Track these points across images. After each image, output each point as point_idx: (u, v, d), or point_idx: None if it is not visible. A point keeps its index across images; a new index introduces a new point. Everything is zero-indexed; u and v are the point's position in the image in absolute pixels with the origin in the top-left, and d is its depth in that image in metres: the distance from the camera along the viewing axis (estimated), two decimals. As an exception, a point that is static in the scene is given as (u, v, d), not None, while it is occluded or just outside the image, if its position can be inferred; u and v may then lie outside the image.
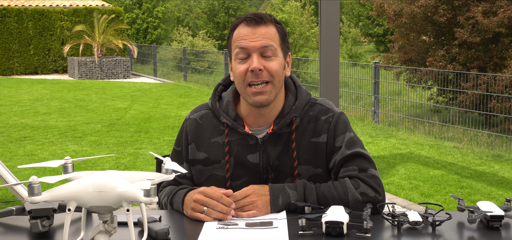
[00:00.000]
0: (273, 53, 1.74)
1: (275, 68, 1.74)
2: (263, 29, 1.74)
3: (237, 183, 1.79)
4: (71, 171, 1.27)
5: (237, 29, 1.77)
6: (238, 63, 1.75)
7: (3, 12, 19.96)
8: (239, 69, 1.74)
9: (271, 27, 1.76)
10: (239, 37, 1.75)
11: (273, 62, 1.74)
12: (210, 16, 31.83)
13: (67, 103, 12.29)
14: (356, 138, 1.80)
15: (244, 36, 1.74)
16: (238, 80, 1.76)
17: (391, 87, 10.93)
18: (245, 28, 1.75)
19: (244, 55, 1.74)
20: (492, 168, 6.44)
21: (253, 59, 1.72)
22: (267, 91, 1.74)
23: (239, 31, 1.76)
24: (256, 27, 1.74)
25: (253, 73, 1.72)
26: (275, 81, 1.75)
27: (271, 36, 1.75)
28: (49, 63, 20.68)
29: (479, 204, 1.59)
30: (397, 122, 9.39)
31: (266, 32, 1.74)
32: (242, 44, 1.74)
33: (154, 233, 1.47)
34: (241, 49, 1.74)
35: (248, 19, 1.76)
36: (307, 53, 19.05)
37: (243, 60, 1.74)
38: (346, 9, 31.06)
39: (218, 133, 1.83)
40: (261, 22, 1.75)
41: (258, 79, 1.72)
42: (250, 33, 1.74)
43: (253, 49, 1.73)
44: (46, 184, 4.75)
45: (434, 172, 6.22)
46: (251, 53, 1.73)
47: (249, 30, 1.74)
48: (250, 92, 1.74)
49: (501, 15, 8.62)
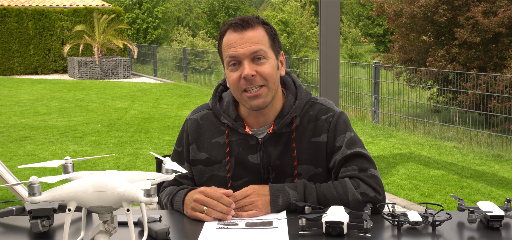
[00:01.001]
0: (264, 55, 1.73)
1: (268, 71, 1.73)
2: (250, 33, 1.73)
3: (238, 183, 1.79)
4: (71, 171, 1.27)
5: (225, 36, 1.76)
6: (230, 71, 1.75)
7: (3, 12, 19.96)
8: (232, 77, 1.74)
9: (259, 29, 1.75)
10: (228, 44, 1.74)
11: (265, 66, 1.73)
12: (210, 16, 31.84)
13: (67, 103, 12.29)
14: (357, 138, 1.79)
15: (233, 43, 1.73)
16: (233, 87, 1.76)
17: (391, 87, 10.93)
18: (233, 34, 1.74)
19: (235, 62, 1.73)
20: (492, 168, 6.43)
21: (245, 66, 1.71)
22: (263, 94, 1.73)
23: (227, 38, 1.75)
24: (243, 32, 1.72)
25: (246, 80, 1.71)
26: (270, 83, 1.74)
27: (259, 39, 1.73)
28: (49, 63, 20.68)
29: (479, 204, 1.59)
30: (397, 122, 9.39)
31: (254, 36, 1.73)
32: (232, 52, 1.73)
33: (154, 233, 1.47)
34: (231, 58, 1.73)
35: (234, 25, 1.74)
36: (307, 53, 19.05)
37: (235, 67, 1.74)
38: (346, 9, 31.06)
39: (219, 133, 1.83)
40: (247, 26, 1.73)
41: (251, 85, 1.72)
42: (238, 39, 1.72)
43: (243, 56, 1.72)
44: (46, 184, 4.75)
45: (434, 172, 6.22)
46: (242, 60, 1.72)
47: (237, 36, 1.73)
48: (246, 97, 1.74)
49: (501, 15, 8.61)
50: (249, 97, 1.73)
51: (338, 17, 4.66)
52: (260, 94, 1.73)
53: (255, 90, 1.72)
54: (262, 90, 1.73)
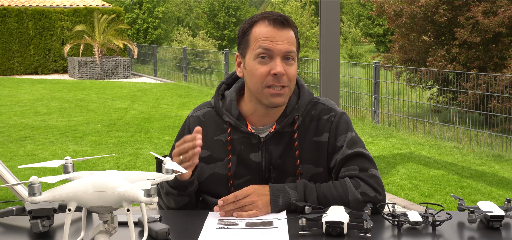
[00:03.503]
0: (293, 58, 1.74)
1: (294, 74, 1.74)
2: (288, 32, 1.72)
3: (239, 182, 1.79)
4: (71, 171, 1.27)
5: (259, 26, 1.73)
6: (258, 62, 1.72)
7: (3, 12, 19.97)
8: (260, 70, 1.71)
9: (293, 30, 1.75)
10: (263, 36, 1.71)
11: (292, 67, 1.73)
12: (210, 16, 31.83)
13: (67, 103, 12.29)
14: (358, 138, 1.79)
15: (270, 37, 1.70)
16: (256, 80, 1.72)
17: (391, 87, 10.93)
18: (270, 28, 1.71)
19: (266, 56, 1.71)
20: (492, 168, 6.43)
21: (277, 63, 1.70)
22: (285, 94, 1.73)
23: (262, 29, 1.72)
24: (282, 30, 1.71)
25: (275, 77, 1.70)
26: (291, 85, 1.75)
27: (293, 41, 1.73)
28: (49, 63, 20.68)
29: (479, 204, 1.59)
30: (397, 122, 9.39)
31: (290, 36, 1.72)
32: (267, 45, 1.70)
33: (154, 233, 1.47)
34: (264, 50, 1.70)
35: (275, 20, 1.72)
36: (307, 53, 19.03)
37: (264, 60, 1.71)
38: (346, 9, 31.06)
39: (221, 131, 1.83)
40: (287, 25, 1.72)
41: (278, 83, 1.71)
42: (276, 34, 1.70)
43: (278, 53, 1.70)
44: (46, 184, 4.75)
45: (434, 172, 6.22)
46: (275, 56, 1.71)
47: (275, 32, 1.71)
48: (268, 93, 1.72)
49: (502, 15, 8.61)
50: (272, 94, 1.71)
51: (338, 17, 4.65)
52: (282, 93, 1.73)
53: (278, 88, 1.72)
54: (284, 91, 1.73)
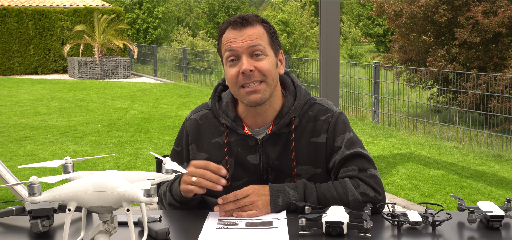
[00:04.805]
0: (263, 52, 1.74)
1: (266, 67, 1.73)
2: (250, 30, 1.74)
3: (237, 184, 1.79)
4: (71, 171, 1.27)
5: (225, 34, 1.77)
6: (229, 66, 1.75)
7: (3, 12, 19.96)
8: (231, 73, 1.74)
9: (258, 27, 1.76)
10: (227, 40, 1.75)
11: (263, 62, 1.73)
12: (210, 16, 31.84)
13: (67, 103, 12.29)
14: (356, 138, 1.79)
15: (232, 39, 1.74)
16: (231, 83, 1.76)
17: (391, 87, 10.93)
18: (232, 32, 1.75)
19: (234, 58, 1.74)
20: (492, 168, 6.43)
21: (243, 61, 1.72)
22: (261, 90, 1.73)
23: (226, 36, 1.76)
24: (242, 29, 1.74)
25: (244, 75, 1.72)
26: (268, 79, 1.74)
27: (258, 35, 1.74)
28: (49, 63, 20.68)
29: (479, 204, 1.59)
30: (397, 122, 9.39)
31: (253, 33, 1.74)
32: (230, 46, 1.73)
33: (154, 233, 1.47)
34: (230, 52, 1.73)
35: (234, 23, 1.75)
36: (307, 53, 19.03)
37: (233, 63, 1.74)
38: (346, 9, 31.06)
39: (218, 133, 1.83)
40: (246, 24, 1.74)
41: (250, 80, 1.72)
42: (237, 35, 1.73)
43: (242, 50, 1.72)
44: (46, 184, 4.75)
45: (434, 172, 6.22)
46: (240, 55, 1.73)
47: (236, 33, 1.74)
48: (244, 93, 1.74)
49: (501, 15, 8.61)
50: (247, 92, 1.73)
51: (338, 17, 4.66)
52: (259, 89, 1.73)
53: (253, 85, 1.73)
54: (261, 86, 1.73)
